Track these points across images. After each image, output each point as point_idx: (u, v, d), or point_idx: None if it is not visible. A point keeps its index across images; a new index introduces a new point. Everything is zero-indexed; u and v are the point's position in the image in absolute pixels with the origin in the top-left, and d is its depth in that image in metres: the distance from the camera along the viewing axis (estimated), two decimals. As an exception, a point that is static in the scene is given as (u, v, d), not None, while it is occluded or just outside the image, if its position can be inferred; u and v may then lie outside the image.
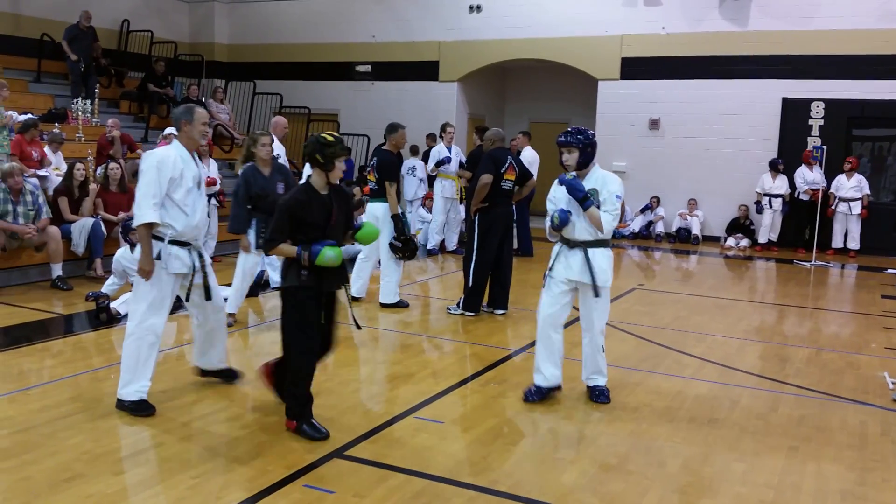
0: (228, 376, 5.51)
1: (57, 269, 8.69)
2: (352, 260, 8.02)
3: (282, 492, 3.84)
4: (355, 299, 8.18)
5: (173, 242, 4.80)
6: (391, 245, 7.92)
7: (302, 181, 4.84)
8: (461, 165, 11.86)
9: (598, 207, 5.08)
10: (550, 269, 5.30)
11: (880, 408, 5.49)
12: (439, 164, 11.94)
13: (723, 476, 4.26)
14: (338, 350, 6.75)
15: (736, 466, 4.37)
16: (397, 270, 8.11)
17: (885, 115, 13.32)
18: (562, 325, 5.37)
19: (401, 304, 8.13)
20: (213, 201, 10.63)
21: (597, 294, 5.16)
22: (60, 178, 9.59)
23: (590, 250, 5.13)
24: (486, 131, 8.45)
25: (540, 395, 5.36)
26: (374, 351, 6.76)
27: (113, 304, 7.32)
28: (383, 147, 8.12)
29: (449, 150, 12.06)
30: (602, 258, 5.15)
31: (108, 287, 7.76)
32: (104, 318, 7.21)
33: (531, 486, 4.05)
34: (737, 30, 14.13)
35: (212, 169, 10.86)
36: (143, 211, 4.68)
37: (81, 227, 9.12)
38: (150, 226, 4.72)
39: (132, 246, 7.83)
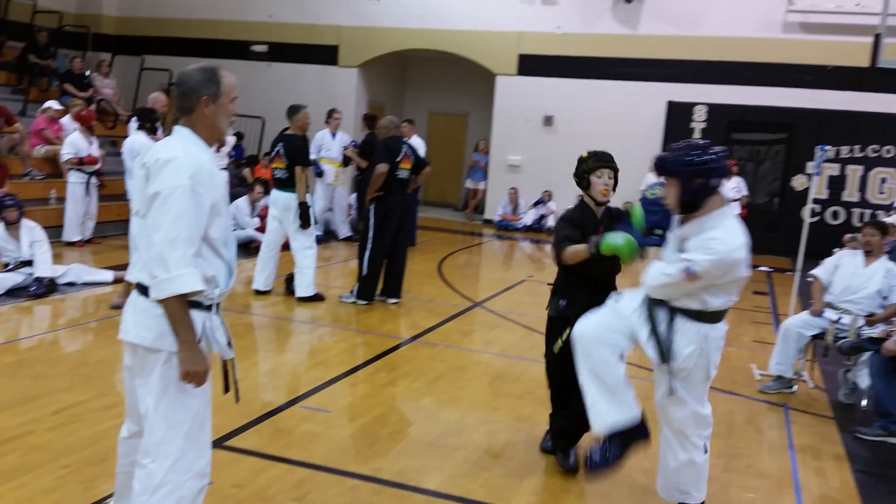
0: None
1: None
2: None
3: (158, 482, 3.73)
4: (261, 292, 7.99)
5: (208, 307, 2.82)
6: None
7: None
8: (348, 147, 11.81)
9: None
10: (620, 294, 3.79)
11: (747, 398, 5.83)
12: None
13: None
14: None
15: (611, 453, 4.53)
16: (314, 262, 7.88)
17: (762, 119, 14.08)
18: (618, 352, 3.58)
19: (317, 298, 7.88)
20: (94, 180, 10.21)
21: (670, 391, 3.52)
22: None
23: (679, 318, 3.44)
24: (373, 119, 8.36)
25: (606, 455, 3.56)
26: (261, 339, 6.65)
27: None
28: (288, 131, 7.91)
29: (334, 136, 11.94)
30: (686, 334, 3.41)
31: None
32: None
33: (414, 473, 4.09)
34: (628, 33, 14.61)
35: (93, 147, 10.41)
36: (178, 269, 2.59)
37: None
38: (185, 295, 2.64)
39: (7, 224, 7.42)
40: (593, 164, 4.14)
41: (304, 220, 7.67)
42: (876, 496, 4.32)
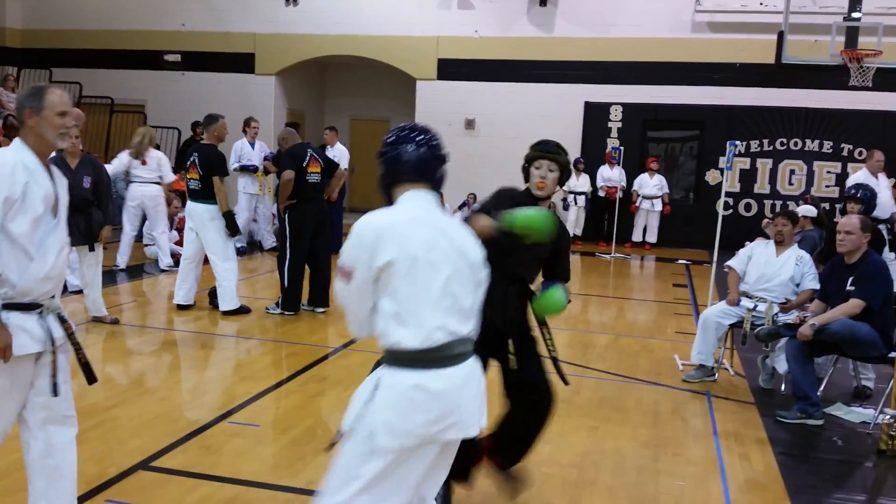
0: None
1: None
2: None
3: (80, 509, 3.60)
4: (182, 307, 7.75)
5: (11, 306, 2.93)
6: None
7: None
8: (266, 160, 11.67)
9: None
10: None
11: (671, 387, 5.97)
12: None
13: (531, 458, 4.44)
14: (143, 356, 6.41)
15: (543, 448, 4.56)
16: (234, 274, 7.66)
17: (675, 118, 14.49)
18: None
19: (242, 310, 7.68)
20: None
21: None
22: None
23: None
24: (295, 127, 8.30)
25: None
26: (185, 356, 6.48)
27: None
28: (202, 141, 7.71)
29: (252, 145, 11.76)
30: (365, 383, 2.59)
31: None
32: None
33: (348, 483, 4.04)
34: (544, 36, 14.85)
35: None
36: None
37: None
38: None
39: None
40: (531, 154, 3.73)
41: (232, 229, 7.53)
42: (798, 477, 4.47)
